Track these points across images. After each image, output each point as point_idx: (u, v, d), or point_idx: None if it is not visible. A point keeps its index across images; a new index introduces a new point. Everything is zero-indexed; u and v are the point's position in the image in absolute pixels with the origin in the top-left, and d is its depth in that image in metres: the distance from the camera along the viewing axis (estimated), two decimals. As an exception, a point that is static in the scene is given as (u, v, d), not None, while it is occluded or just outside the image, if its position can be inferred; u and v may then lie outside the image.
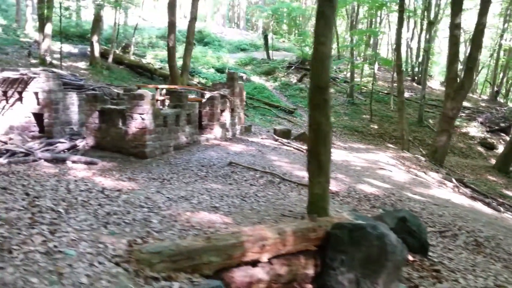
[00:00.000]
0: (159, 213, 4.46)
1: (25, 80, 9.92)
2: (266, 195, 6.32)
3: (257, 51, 33.63)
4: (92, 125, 9.47)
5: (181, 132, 10.38)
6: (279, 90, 25.58)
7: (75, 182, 5.58)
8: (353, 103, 24.55)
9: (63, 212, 3.98)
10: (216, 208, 5.03)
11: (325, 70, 4.59)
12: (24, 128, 10.23)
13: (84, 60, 23.44)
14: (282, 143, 12.70)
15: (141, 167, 8.47)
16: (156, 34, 32.68)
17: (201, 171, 8.50)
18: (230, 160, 9.27)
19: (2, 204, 3.88)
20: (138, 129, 8.99)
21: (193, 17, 18.57)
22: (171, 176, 7.69)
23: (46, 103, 9.84)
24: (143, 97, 8.87)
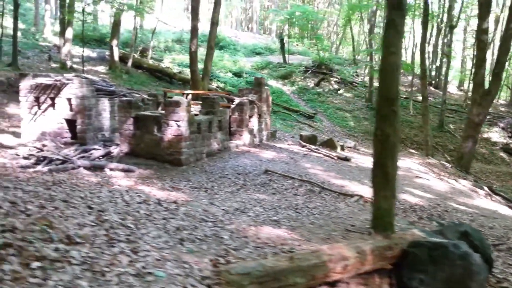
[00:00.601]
0: (224, 228, 4.33)
1: (58, 86, 9.89)
2: (316, 207, 6.16)
3: (272, 55, 33.54)
4: (126, 131, 9.40)
5: (213, 139, 10.27)
6: (297, 95, 25.44)
7: (127, 193, 5.48)
8: (372, 108, 24.28)
9: (134, 227, 3.87)
10: (277, 222, 4.89)
11: (395, 81, 4.44)
12: (56, 134, 10.19)
13: (103, 64, 23.51)
14: (310, 149, 12.54)
15: (178, 175, 8.37)
16: (172, 38, 32.75)
17: (238, 179, 8.38)
18: (266, 168, 9.14)
19: (73, 219, 3.77)
20: (174, 136, 8.90)
21: (214, 21, 18.49)
22: (212, 185, 7.57)
23: (79, 109, 9.79)
24: (180, 104, 8.78)
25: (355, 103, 25.08)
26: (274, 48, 35.16)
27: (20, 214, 3.64)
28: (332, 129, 20.29)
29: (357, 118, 22.69)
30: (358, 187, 8.54)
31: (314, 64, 29.08)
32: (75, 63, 21.27)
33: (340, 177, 9.16)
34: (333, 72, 28.77)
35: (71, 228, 3.48)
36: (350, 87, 27.38)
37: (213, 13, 18.71)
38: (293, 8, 28.55)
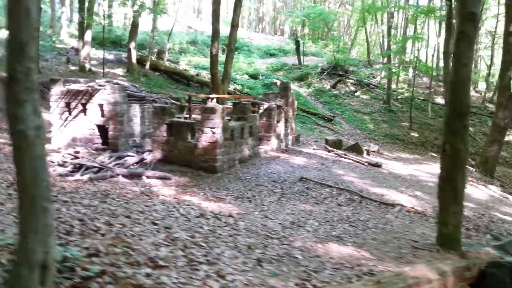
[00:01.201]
0: (292, 245, 4.22)
1: (90, 92, 9.84)
2: (368, 219, 6.03)
3: (286, 56, 33.38)
4: (160, 138, 9.32)
5: (245, 145, 10.17)
6: (314, 97, 25.26)
7: (179, 205, 5.39)
8: (390, 110, 24.07)
9: (206, 246, 3.77)
10: (340, 238, 4.77)
11: (467, 94, 4.30)
12: (87, 140, 10.14)
13: (120, 66, 23.51)
14: (338, 154, 12.39)
15: (214, 183, 8.27)
16: (186, 39, 32.71)
17: (275, 187, 8.26)
18: (301, 176, 9.01)
19: (145, 238, 3.68)
20: (209, 143, 8.80)
21: (234, 24, 18.39)
22: (252, 194, 7.47)
23: (111, 115, 9.73)
24: (215, 111, 8.68)
25: (372, 105, 24.84)
26: (288, 49, 35.00)
27: (94, 234, 3.56)
28: (352, 132, 20.10)
29: (376, 121, 22.46)
30: (398, 195, 8.39)
31: (329, 66, 28.88)
32: (93, 65, 21.29)
33: (377, 185, 9.00)
34: (349, 74, 28.57)
35: (149, 249, 3.39)
36: (366, 89, 27.14)
37: (233, 15, 18.60)
38: (308, 9, 28.33)
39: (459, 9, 4.24)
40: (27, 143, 2.21)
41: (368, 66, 32.34)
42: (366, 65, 32.56)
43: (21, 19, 2.24)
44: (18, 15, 2.23)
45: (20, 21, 2.24)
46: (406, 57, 26.14)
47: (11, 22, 2.27)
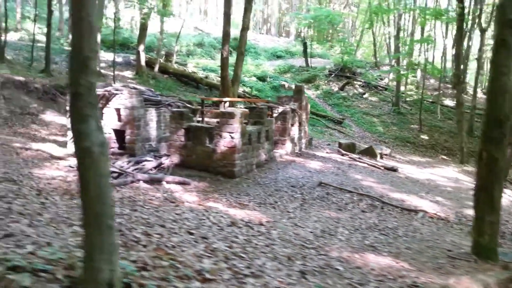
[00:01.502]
0: (329, 255, 4.18)
1: (107, 96, 9.83)
2: (396, 227, 5.98)
3: (292, 58, 33.34)
4: (177, 142, 9.30)
5: (262, 149, 10.14)
6: (322, 99, 25.21)
7: (208, 213, 5.36)
8: (399, 112, 23.98)
9: (246, 257, 3.73)
10: (374, 248, 4.72)
11: (505, 102, 4.25)
12: (103, 144, 10.12)
13: (129, 69, 23.54)
14: (353, 158, 12.33)
15: (234, 188, 8.24)
16: (193, 41, 32.72)
17: (295, 192, 8.23)
18: (320, 181, 8.97)
19: (186, 249, 3.64)
20: (227, 148, 8.77)
21: (245, 27, 18.37)
22: (274, 200, 7.43)
23: (128, 119, 9.71)
24: (234, 116, 8.65)
25: (381, 108, 24.77)
26: (294, 51, 34.97)
27: (136, 245, 3.53)
28: (362, 134, 20.03)
29: (385, 123, 22.38)
30: (418, 201, 8.33)
31: (337, 68, 28.83)
32: (102, 68, 21.31)
33: (397, 190, 8.95)
34: (356, 76, 28.51)
35: (193, 261, 3.35)
36: (375, 91, 27.06)
37: (243, 18, 18.58)
38: (316, 11, 28.30)
39: (499, 17, 4.18)
40: (92, 160, 2.18)
41: (375, 68, 32.29)
42: (373, 66, 32.51)
43: (85, 34, 2.21)
44: (82, 30, 2.21)
45: (83, 36, 2.21)
46: (414, 59, 26.00)
47: (75, 37, 2.24)
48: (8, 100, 13.57)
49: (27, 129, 12.47)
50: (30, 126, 12.81)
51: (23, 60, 19.83)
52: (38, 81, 15.45)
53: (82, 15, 2.20)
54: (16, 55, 20.30)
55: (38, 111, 14.02)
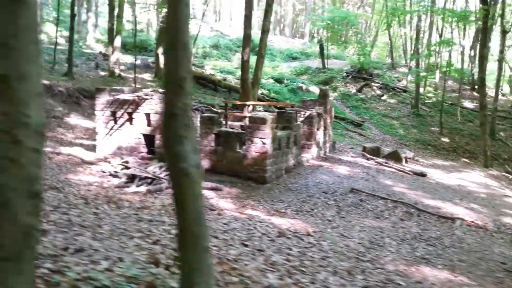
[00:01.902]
0: (385, 268, 4.13)
1: (136, 102, 9.88)
2: (441, 237, 5.90)
3: (308, 59, 33.23)
4: (207, 148, 9.30)
5: (290, 154, 10.10)
6: (340, 101, 25.05)
7: (251, 221, 5.34)
8: (418, 115, 23.73)
9: (307, 271, 3.70)
10: (427, 260, 4.66)
11: None
12: (133, 149, 10.18)
13: (147, 71, 23.68)
14: (379, 163, 12.22)
15: (266, 194, 8.21)
16: (209, 43, 32.79)
17: (328, 199, 8.17)
18: (352, 187, 8.90)
19: (247, 262, 3.62)
20: (259, 153, 8.75)
21: (265, 29, 18.35)
22: (310, 207, 7.38)
23: (158, 124, 9.75)
24: (265, 121, 8.63)
25: (400, 110, 24.53)
26: (310, 52, 34.86)
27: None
28: (382, 137, 19.87)
29: (405, 126, 22.17)
30: (453, 208, 8.21)
31: (354, 69, 28.66)
32: (122, 70, 21.47)
33: (430, 197, 8.84)
34: (373, 77, 28.29)
35: (259, 276, 3.33)
36: (393, 93, 26.82)
37: (263, 21, 18.55)
38: (333, 12, 28.16)
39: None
40: (189, 181, 2.16)
41: (392, 69, 32.00)
42: (390, 68, 32.22)
43: (180, 55, 2.20)
44: (178, 52, 2.19)
45: (179, 57, 2.20)
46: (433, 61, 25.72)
47: (170, 58, 2.23)
48: (35, 103, 13.72)
49: (53, 132, 12.60)
50: (57, 129, 12.94)
51: (45, 63, 20.08)
52: (61, 85, 15.62)
53: (178, 38, 2.19)
54: (38, 58, 20.57)
55: (63, 115, 14.17)
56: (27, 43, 1.67)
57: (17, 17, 1.63)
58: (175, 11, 2.20)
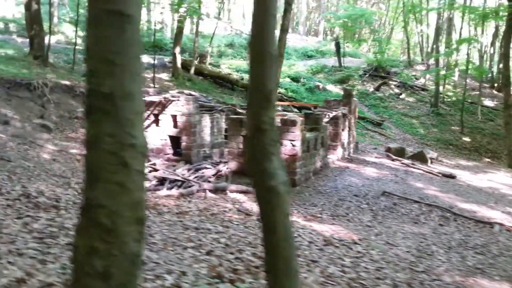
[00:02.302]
0: (442, 280, 3.99)
1: (163, 103, 9.82)
2: (487, 244, 5.71)
3: (323, 58, 32.93)
4: (235, 150, 9.21)
5: (317, 156, 9.96)
6: (358, 100, 24.63)
7: (295, 229, 5.21)
8: (438, 113, 23.35)
9: (367, 284, 3.57)
10: (482, 270, 4.50)
11: None
12: (159, 151, 10.13)
13: (164, 71, 23.65)
14: (406, 164, 12.00)
15: (297, 197, 8.09)
16: (224, 42, 32.70)
17: (361, 202, 8.01)
18: (383, 190, 8.73)
19: (300, 273, 3.51)
20: (289, 156, 8.62)
21: (284, 28, 18.17)
22: (344, 211, 7.24)
23: (184, 126, 9.69)
24: (295, 123, 8.50)
25: (419, 108, 24.18)
26: (325, 50, 34.56)
27: (258, 272, 3.42)
28: (403, 137, 19.59)
29: (425, 125, 21.83)
30: (490, 212, 7.99)
31: (371, 67, 28.33)
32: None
33: (464, 200, 8.62)
34: (391, 76, 27.94)
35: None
36: (411, 91, 26.44)
37: (283, 20, 18.38)
38: (350, 10, 27.84)
39: None
40: (278, 199, 2.06)
41: (409, 67, 31.54)
42: (406, 66, 31.75)
43: (267, 66, 2.10)
44: (265, 64, 2.09)
45: (266, 69, 2.09)
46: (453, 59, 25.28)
47: (256, 71, 2.13)
48: (57, 104, 13.78)
49: (76, 133, 12.63)
50: (79, 130, 12.96)
51: (63, 63, 20.19)
52: (82, 85, 15.65)
53: (265, 49, 2.08)
54: (56, 58, 20.66)
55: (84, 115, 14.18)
56: (131, 59, 1.58)
57: (123, 32, 1.53)
58: (262, 22, 2.10)
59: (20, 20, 27.30)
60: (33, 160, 7.72)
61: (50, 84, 14.18)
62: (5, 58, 16.77)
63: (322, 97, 23.97)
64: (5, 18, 26.54)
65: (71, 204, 4.61)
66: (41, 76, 14.69)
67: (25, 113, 12.24)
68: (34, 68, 16.01)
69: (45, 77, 14.67)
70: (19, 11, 29.57)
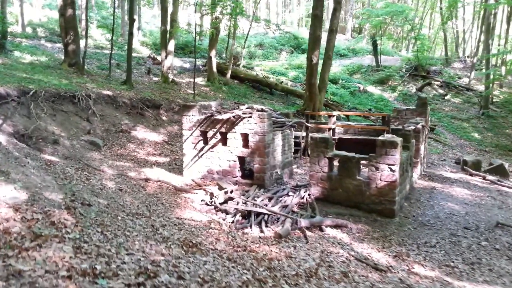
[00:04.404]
0: None
1: (232, 121, 8.76)
2: None
3: (356, 56, 31.58)
4: (319, 174, 8.10)
5: (408, 178, 8.79)
6: (402, 102, 23.44)
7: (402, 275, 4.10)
8: (489, 116, 21.88)
9: None
10: None
11: None
12: (226, 173, 9.09)
13: (198, 75, 22.63)
14: (492, 181, 10.75)
15: (403, 232, 6.97)
16: (253, 43, 31.55)
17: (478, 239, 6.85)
18: (497, 221, 7.53)
19: None
20: (387, 182, 7.48)
21: (333, 29, 16.97)
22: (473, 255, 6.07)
23: (257, 146, 8.61)
24: (396, 145, 7.35)
25: (467, 110, 22.74)
26: (357, 48, 33.24)
27: None
28: (459, 143, 18.24)
29: (477, 129, 20.40)
30: None
31: (411, 66, 26.91)
32: (174, 75, 20.47)
33: None
34: (431, 75, 26.48)
35: None
36: (455, 92, 24.97)
37: (331, 19, 17.14)
38: (388, 7, 26.41)
39: None
40: None
41: (447, 65, 29.96)
42: (444, 64, 30.19)
43: None
44: None
45: None
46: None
47: None
48: (102, 117, 12.87)
49: (125, 149, 11.70)
50: (127, 145, 12.04)
51: (97, 69, 19.31)
52: (125, 95, 14.72)
53: None
54: (89, 64, 19.78)
55: (129, 128, 13.26)
56: None
57: None
58: None
59: (47, 24, 26.59)
60: (103, 194, 6.73)
61: (93, 95, 13.26)
62: (40, 67, 15.91)
63: (365, 100, 22.71)
64: (32, 23, 25.82)
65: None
66: (82, 86, 13.78)
67: (72, 129, 11.32)
68: (72, 77, 15.12)
69: (87, 88, 13.74)
70: (45, 15, 28.91)
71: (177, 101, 16.02)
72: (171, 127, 14.41)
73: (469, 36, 36.61)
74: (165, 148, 12.75)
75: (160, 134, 13.68)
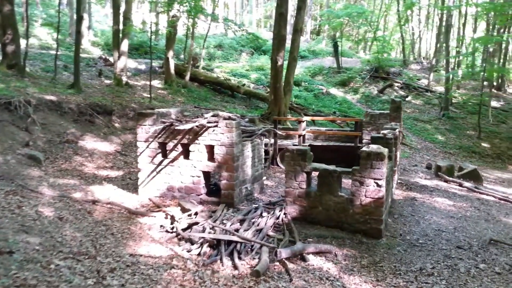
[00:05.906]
0: None
1: (195, 131, 7.63)
2: None
3: (317, 58, 31.18)
4: (296, 190, 7.15)
5: (390, 191, 8.05)
6: (364, 104, 23.16)
7: None
8: (449, 117, 22.01)
9: None
10: None
11: None
12: (189, 190, 7.94)
13: (154, 77, 21.12)
14: (469, 188, 10.30)
15: (393, 257, 6.16)
16: (213, 43, 30.31)
17: (475, 260, 6.19)
18: (490, 238, 6.92)
19: None
20: (372, 199, 6.66)
21: (298, 28, 16.22)
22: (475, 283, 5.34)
23: (225, 159, 7.54)
24: (383, 157, 6.55)
25: (428, 112, 22.82)
26: (317, 50, 32.90)
27: None
28: (424, 145, 18.04)
29: (440, 130, 20.40)
30: None
31: (371, 68, 26.80)
32: (128, 77, 18.88)
33: None
34: (392, 76, 26.49)
35: None
36: (416, 93, 25.08)
37: (296, 18, 16.38)
38: (348, 8, 26.14)
39: None
40: None
41: (405, 67, 30.20)
42: (402, 65, 30.42)
43: None
44: None
45: None
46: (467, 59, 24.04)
47: None
48: (44, 126, 11.27)
49: (71, 163, 10.22)
50: (73, 158, 10.55)
51: (41, 71, 17.41)
52: (71, 100, 13.12)
53: None
54: (32, 66, 17.83)
55: (76, 137, 11.72)
56: None
57: None
58: None
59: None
60: (35, 228, 5.40)
61: (34, 101, 11.62)
62: (-29, 69, 13.96)
63: (328, 103, 22.20)
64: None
65: None
66: (21, 91, 12.08)
67: (7, 142, 9.70)
68: (11, 80, 13.31)
69: (26, 92, 12.06)
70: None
71: (131, 106, 14.58)
72: (124, 135, 12.98)
73: (425, 38, 37.38)
74: (118, 159, 11.36)
75: (112, 143, 12.24)
